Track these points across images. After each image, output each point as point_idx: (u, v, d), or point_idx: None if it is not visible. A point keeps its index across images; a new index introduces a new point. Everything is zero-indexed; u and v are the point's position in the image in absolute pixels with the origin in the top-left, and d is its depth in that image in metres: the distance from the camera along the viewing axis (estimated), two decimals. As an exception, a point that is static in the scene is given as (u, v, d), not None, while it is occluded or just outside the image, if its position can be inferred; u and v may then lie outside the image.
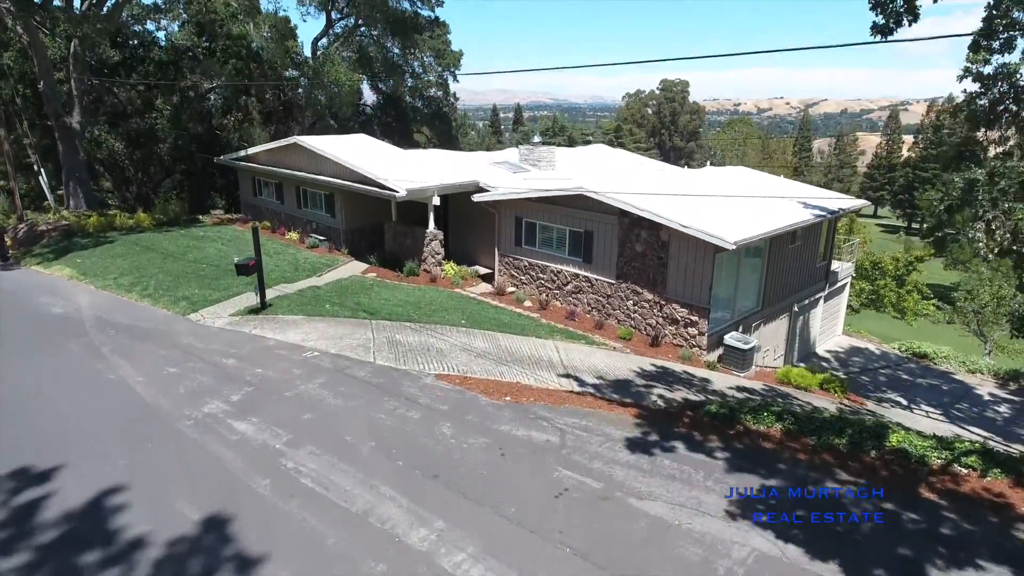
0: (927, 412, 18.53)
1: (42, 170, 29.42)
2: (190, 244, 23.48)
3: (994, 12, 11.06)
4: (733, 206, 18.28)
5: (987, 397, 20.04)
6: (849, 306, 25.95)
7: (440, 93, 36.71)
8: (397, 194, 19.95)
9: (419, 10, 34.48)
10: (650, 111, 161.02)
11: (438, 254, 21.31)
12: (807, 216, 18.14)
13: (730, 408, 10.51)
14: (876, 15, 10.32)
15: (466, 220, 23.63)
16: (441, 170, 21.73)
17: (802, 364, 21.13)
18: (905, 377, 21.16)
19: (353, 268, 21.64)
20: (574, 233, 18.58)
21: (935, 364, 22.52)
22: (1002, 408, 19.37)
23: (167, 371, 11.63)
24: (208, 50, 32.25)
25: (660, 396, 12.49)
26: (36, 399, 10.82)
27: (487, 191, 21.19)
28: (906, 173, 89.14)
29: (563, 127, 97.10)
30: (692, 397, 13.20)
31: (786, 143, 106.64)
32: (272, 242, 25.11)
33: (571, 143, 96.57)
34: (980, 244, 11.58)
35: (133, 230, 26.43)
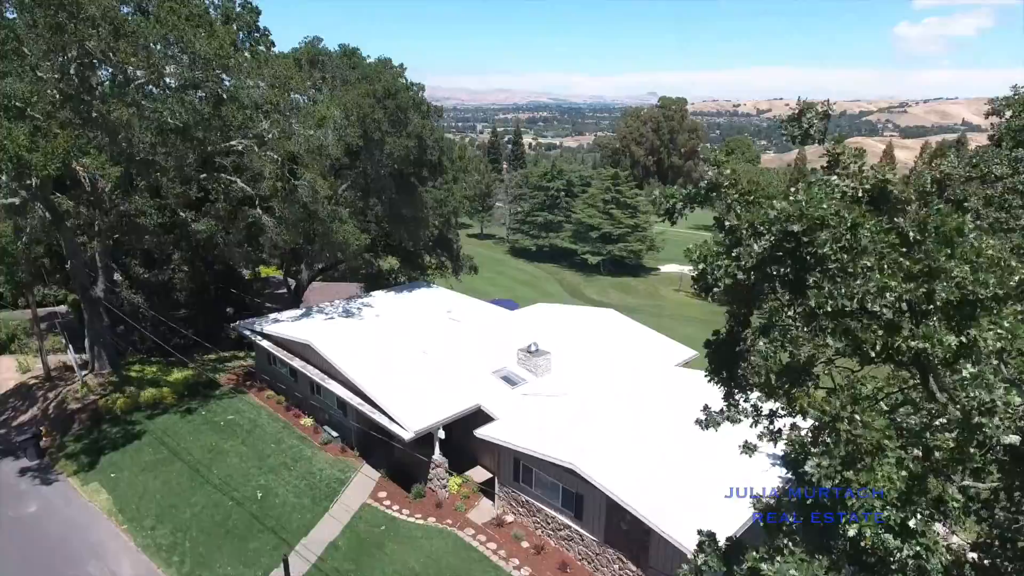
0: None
1: (70, 345, 31.29)
2: (212, 445, 25.43)
3: None
4: (722, 464, 20.20)
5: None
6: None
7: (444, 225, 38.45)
8: (405, 435, 21.87)
9: (428, 155, 35.99)
10: (649, 129, 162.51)
11: (443, 478, 23.28)
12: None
13: None
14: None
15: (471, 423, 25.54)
16: (446, 395, 23.61)
17: None
18: None
19: (364, 485, 23.59)
20: (567, 490, 20.53)
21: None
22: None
23: None
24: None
25: None
26: None
27: (489, 418, 23.16)
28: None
29: (561, 171, 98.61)
30: None
31: (780, 176, 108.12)
32: (288, 430, 27.06)
33: (569, 187, 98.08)
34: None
35: (156, 408, 28.34)
